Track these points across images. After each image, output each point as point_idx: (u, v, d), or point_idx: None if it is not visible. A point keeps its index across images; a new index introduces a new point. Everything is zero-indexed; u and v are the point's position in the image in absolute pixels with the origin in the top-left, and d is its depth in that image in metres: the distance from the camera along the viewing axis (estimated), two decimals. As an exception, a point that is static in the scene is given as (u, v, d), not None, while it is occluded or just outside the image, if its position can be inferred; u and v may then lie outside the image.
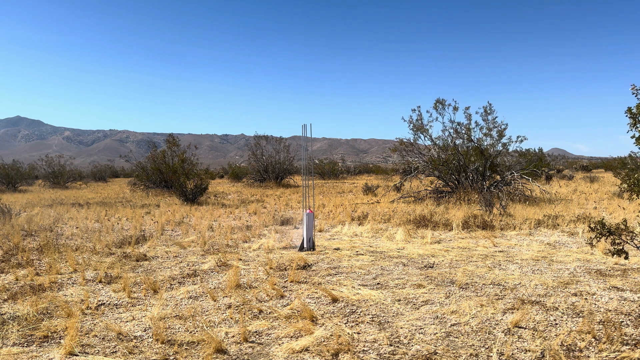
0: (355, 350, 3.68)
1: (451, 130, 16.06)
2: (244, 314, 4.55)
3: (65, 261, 6.70)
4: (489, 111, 15.51)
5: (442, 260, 6.80)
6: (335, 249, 7.77)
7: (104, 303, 4.91)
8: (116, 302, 4.95)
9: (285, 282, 5.69)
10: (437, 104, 15.88)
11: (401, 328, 4.13)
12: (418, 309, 4.64)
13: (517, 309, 4.53)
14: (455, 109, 15.75)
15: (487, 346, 3.72)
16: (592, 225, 4.66)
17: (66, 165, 31.36)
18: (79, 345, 3.81)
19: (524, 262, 6.67)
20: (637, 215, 7.57)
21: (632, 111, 4.55)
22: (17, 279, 5.76)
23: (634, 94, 4.54)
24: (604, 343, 3.71)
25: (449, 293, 5.13)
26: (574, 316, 4.36)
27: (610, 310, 4.50)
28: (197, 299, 5.03)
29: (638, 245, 4.79)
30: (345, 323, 4.27)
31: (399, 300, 4.90)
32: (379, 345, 3.78)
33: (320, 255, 7.21)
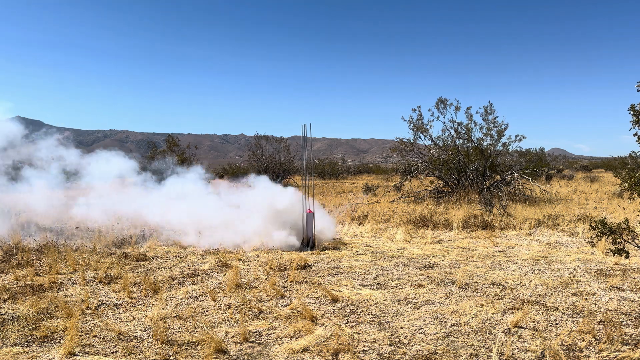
0: (355, 350, 3.68)
1: (452, 130, 16.07)
2: (244, 314, 4.54)
3: (65, 261, 6.69)
4: (489, 111, 15.51)
5: (442, 260, 6.80)
6: (335, 249, 7.76)
7: (104, 303, 4.91)
8: (116, 302, 4.95)
9: (285, 282, 5.69)
10: (439, 103, 15.88)
11: (401, 328, 4.13)
12: (418, 309, 4.64)
13: (517, 309, 4.53)
14: (457, 108, 15.74)
15: (487, 346, 3.72)
16: (593, 225, 4.66)
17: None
18: (79, 345, 3.81)
19: (524, 262, 6.67)
20: (638, 215, 7.56)
21: (636, 109, 4.55)
22: (17, 279, 5.76)
23: (638, 90, 4.54)
24: (604, 343, 3.70)
25: (449, 293, 5.13)
26: (574, 316, 4.36)
27: (610, 310, 4.50)
28: (197, 299, 5.03)
29: (639, 245, 4.78)
30: (345, 323, 4.26)
31: (399, 300, 4.90)
32: (379, 345, 3.78)
33: (320, 255, 7.20)
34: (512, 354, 3.56)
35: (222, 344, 3.78)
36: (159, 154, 22.68)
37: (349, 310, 4.60)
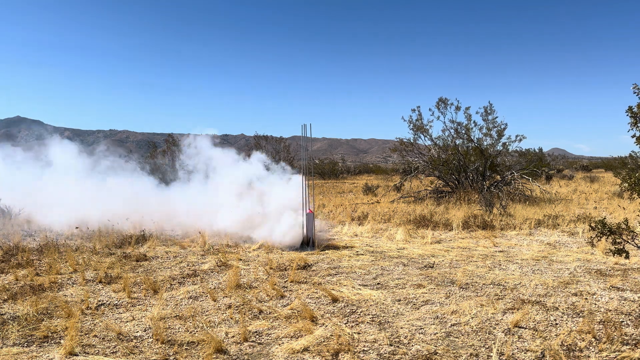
0: (355, 350, 3.68)
1: (452, 130, 16.07)
2: (244, 314, 4.54)
3: (65, 261, 6.69)
4: (489, 111, 15.51)
5: (443, 260, 6.80)
6: (335, 249, 7.76)
7: (104, 303, 4.91)
8: (116, 302, 4.95)
9: (285, 282, 5.69)
10: (440, 103, 15.88)
11: (401, 328, 4.13)
12: (418, 309, 4.64)
13: (517, 309, 4.53)
14: (458, 108, 15.74)
15: (487, 346, 3.72)
16: (593, 225, 4.67)
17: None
18: (79, 345, 3.81)
19: (524, 262, 6.67)
20: (638, 215, 7.57)
21: (633, 110, 4.55)
22: (17, 279, 5.76)
23: (635, 93, 4.54)
24: (604, 343, 3.70)
25: (449, 293, 5.13)
26: (574, 316, 4.36)
27: (610, 310, 4.50)
28: (197, 299, 5.03)
29: (639, 245, 4.78)
30: (345, 323, 4.26)
31: (399, 300, 4.90)
32: (379, 345, 3.78)
33: (320, 255, 7.21)
34: (512, 354, 3.57)
35: (222, 344, 3.78)
36: (159, 154, 22.67)
37: (349, 310, 4.60)
